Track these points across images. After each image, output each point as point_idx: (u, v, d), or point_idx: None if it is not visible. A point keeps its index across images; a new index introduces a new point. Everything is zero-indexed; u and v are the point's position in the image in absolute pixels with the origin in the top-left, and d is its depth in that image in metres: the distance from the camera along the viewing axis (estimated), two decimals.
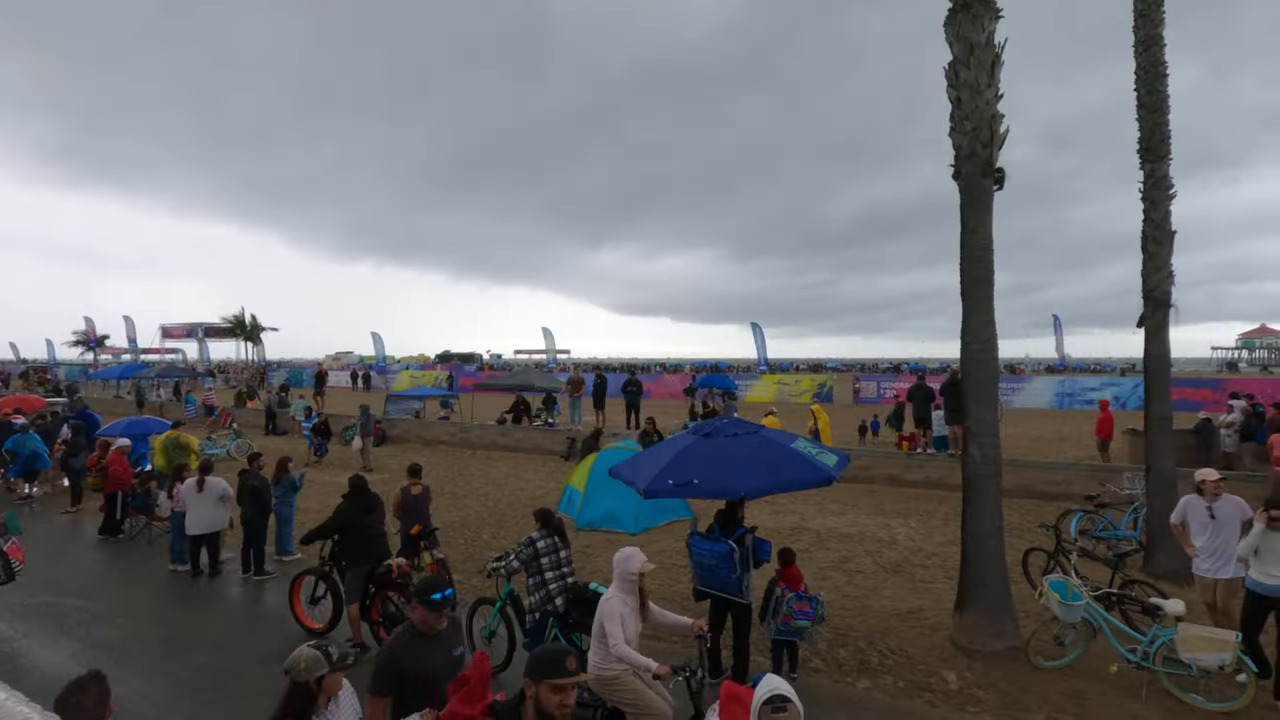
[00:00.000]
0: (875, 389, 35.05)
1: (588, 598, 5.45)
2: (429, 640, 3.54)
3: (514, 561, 5.72)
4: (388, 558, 6.68)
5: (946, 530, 10.26)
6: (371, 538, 6.69)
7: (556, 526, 5.83)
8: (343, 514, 6.73)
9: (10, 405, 16.78)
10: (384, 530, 6.98)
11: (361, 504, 6.82)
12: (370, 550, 6.61)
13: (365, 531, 6.66)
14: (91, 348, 55.20)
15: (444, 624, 3.58)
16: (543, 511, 6.00)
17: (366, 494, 6.98)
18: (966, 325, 6.60)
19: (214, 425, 22.04)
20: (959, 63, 6.59)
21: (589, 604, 5.28)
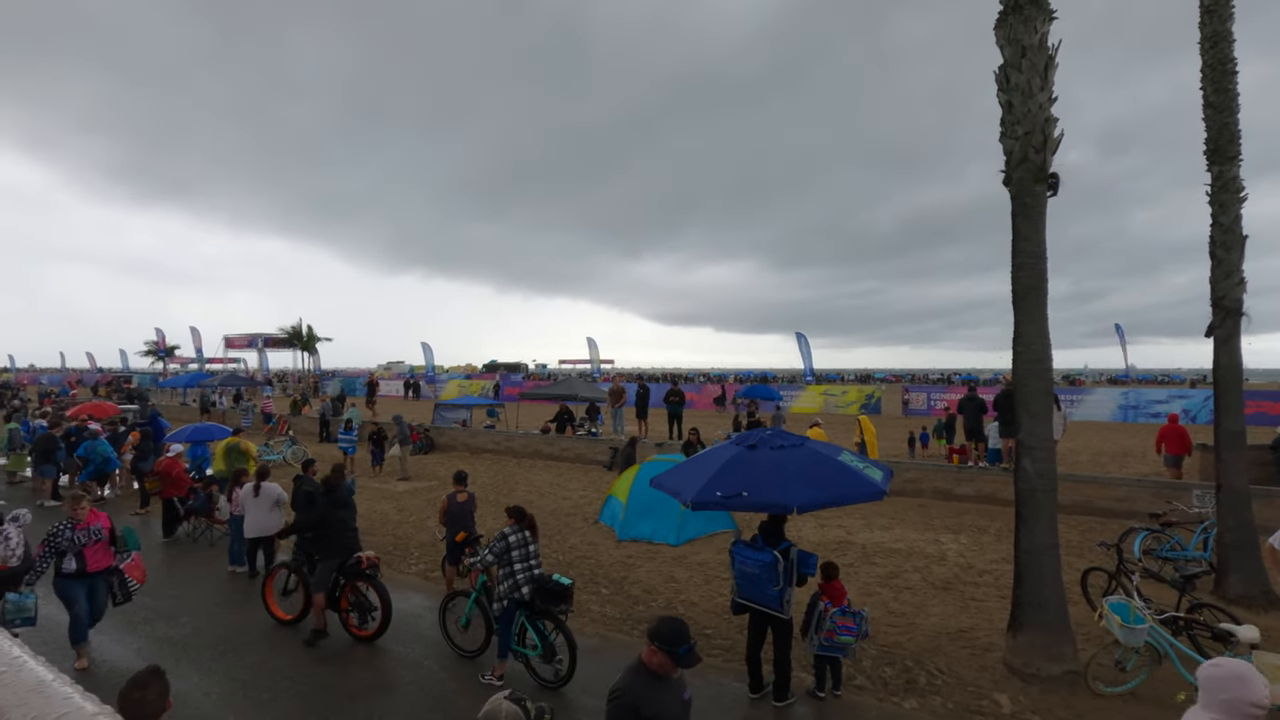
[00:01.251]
0: (925, 400, 34.18)
1: (551, 588, 6.02)
2: (663, 683, 3.40)
3: (488, 555, 6.18)
4: (358, 550, 7.13)
5: (1000, 547, 9.91)
6: (343, 532, 7.14)
7: (529, 522, 6.31)
8: (318, 510, 7.25)
9: (84, 412, 17.78)
10: (355, 525, 7.47)
11: (334, 501, 7.26)
12: (342, 543, 7.06)
13: (338, 526, 7.11)
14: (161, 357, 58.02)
15: (678, 671, 3.42)
16: (515, 509, 6.44)
17: (340, 491, 7.45)
18: (1019, 335, 6.40)
19: (271, 432, 22.89)
20: (1010, 66, 6.43)
21: (552, 593, 6.00)
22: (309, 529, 7.28)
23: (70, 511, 6.47)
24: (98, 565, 6.44)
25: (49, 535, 6.30)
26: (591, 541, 10.51)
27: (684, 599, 8.04)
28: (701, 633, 7.10)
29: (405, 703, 5.75)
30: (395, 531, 11.16)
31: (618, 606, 7.86)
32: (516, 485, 15.23)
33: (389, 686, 6.03)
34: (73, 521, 6.41)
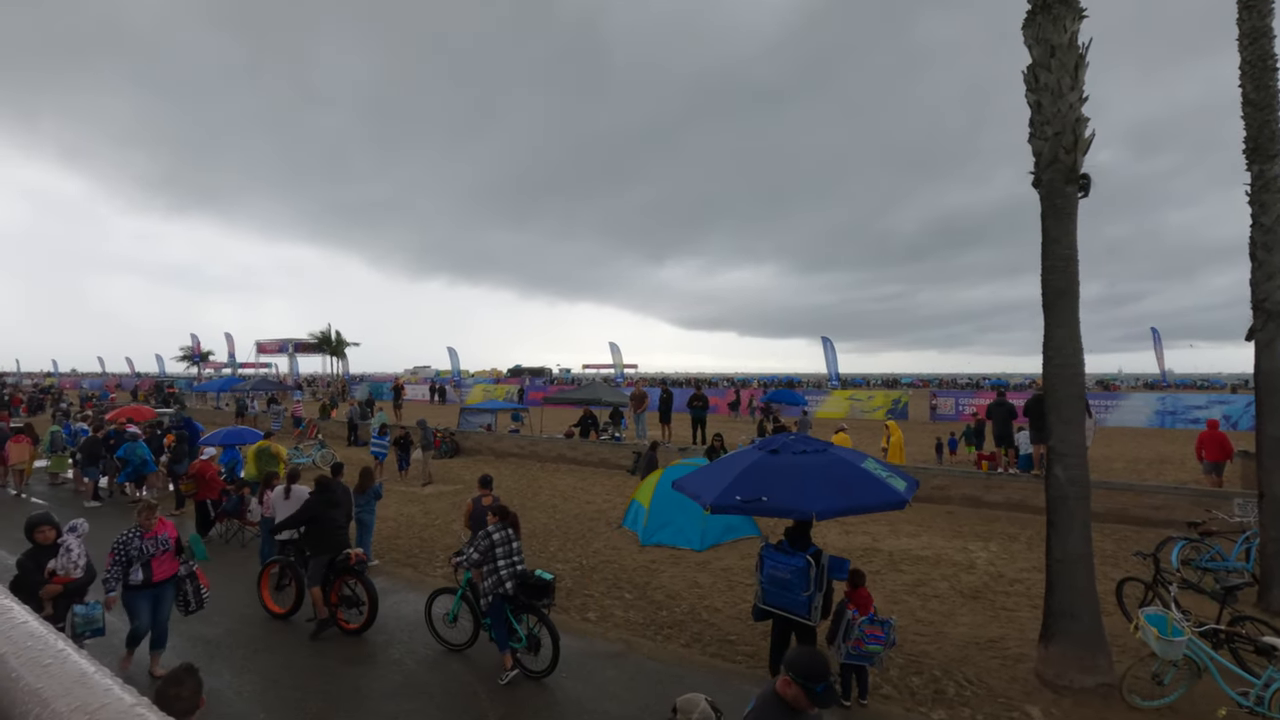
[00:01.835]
0: (953, 405, 33.60)
1: (533, 582, 6.30)
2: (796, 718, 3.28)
3: (473, 554, 6.43)
4: (347, 547, 7.45)
5: (1030, 555, 9.70)
6: (334, 530, 7.46)
7: (512, 520, 6.58)
8: (309, 508, 7.62)
9: (124, 415, 18.28)
10: (346, 524, 7.83)
11: (327, 500, 7.62)
12: (332, 540, 7.38)
13: (329, 524, 7.45)
14: (196, 362, 59.48)
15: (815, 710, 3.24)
16: (500, 507, 6.73)
17: (333, 491, 7.81)
18: (1049, 339, 6.28)
19: (301, 436, 23.29)
20: (1039, 66, 6.33)
21: (534, 587, 6.28)
22: (300, 525, 7.64)
23: (141, 520, 6.33)
24: (163, 574, 6.35)
25: (118, 544, 6.16)
26: (615, 546, 10.52)
27: (707, 604, 8.01)
28: (725, 638, 7.07)
29: (432, 704, 5.80)
30: (421, 534, 11.28)
31: (641, 611, 7.85)
32: (540, 489, 15.30)
33: (416, 687, 6.09)
34: (141, 530, 6.28)
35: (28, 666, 0.57)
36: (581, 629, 7.43)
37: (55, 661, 0.57)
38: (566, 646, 6.94)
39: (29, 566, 5.79)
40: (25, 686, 0.55)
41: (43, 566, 5.81)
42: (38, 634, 0.62)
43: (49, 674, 0.56)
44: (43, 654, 0.59)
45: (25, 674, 0.56)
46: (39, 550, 5.91)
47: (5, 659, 0.59)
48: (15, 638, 0.62)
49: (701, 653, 6.80)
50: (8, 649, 0.61)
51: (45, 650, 0.59)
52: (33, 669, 0.57)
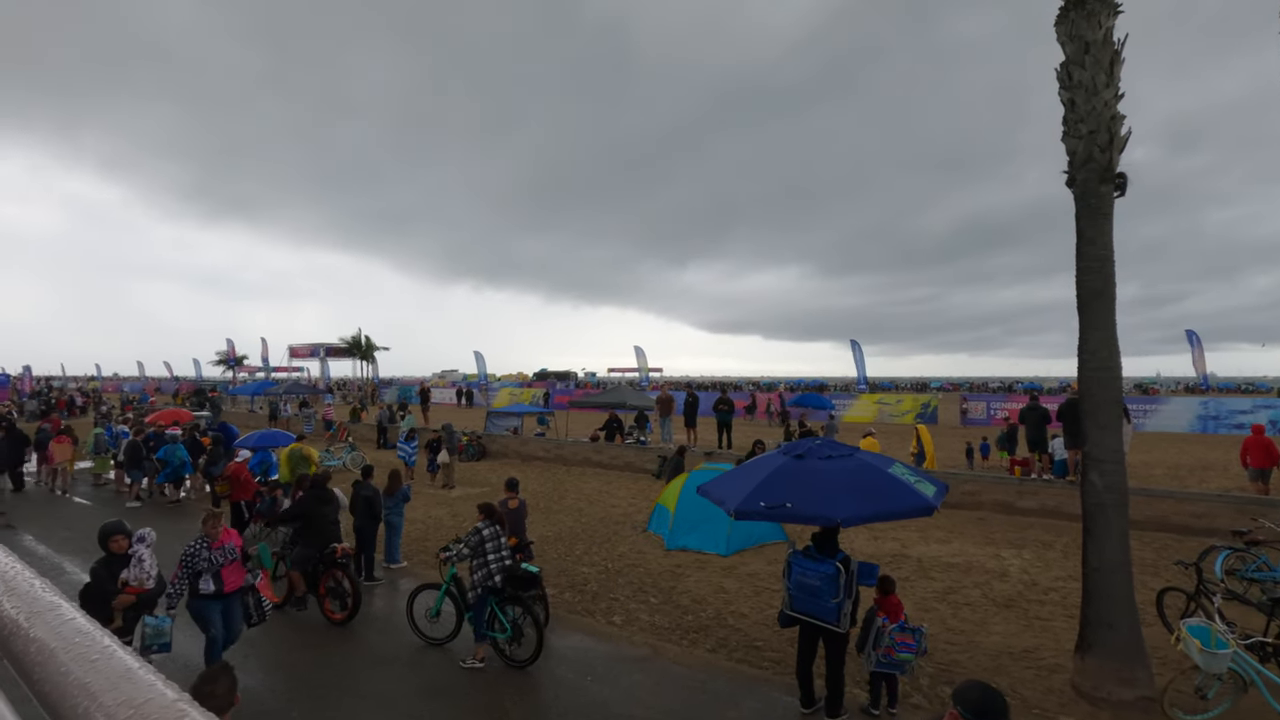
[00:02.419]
0: (985, 409, 32.98)
1: (520, 575, 6.62)
2: None
3: (463, 549, 6.72)
4: (336, 542, 7.94)
5: (1066, 563, 9.47)
6: (325, 525, 8.02)
7: (498, 518, 6.91)
8: (302, 504, 8.25)
9: (166, 418, 18.79)
10: (337, 520, 8.28)
11: (319, 498, 8.19)
12: (323, 535, 7.94)
13: (321, 520, 8.01)
14: (231, 366, 60.90)
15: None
16: (486, 505, 7.09)
17: (324, 490, 8.36)
18: (1084, 342, 6.13)
19: (332, 439, 23.70)
20: (1072, 63, 6.20)
21: (520, 580, 6.60)
22: (294, 519, 8.25)
23: (207, 530, 6.16)
24: (234, 585, 6.20)
25: (186, 555, 6.02)
26: (640, 550, 10.52)
27: (733, 610, 7.96)
28: (751, 644, 7.02)
29: (458, 705, 5.85)
30: (448, 536, 11.38)
31: (667, 616, 7.83)
32: (566, 492, 15.36)
33: (443, 688, 6.15)
34: (208, 540, 6.12)
35: (77, 662, 0.59)
36: (607, 632, 7.44)
37: (102, 657, 0.59)
38: (591, 649, 6.97)
39: (103, 575, 5.63)
40: (74, 681, 0.57)
41: (116, 576, 5.68)
42: (85, 630, 0.64)
43: (96, 669, 0.58)
44: (90, 650, 0.61)
45: (74, 669, 0.58)
46: (112, 559, 5.76)
47: (55, 654, 0.61)
48: (65, 634, 0.64)
49: (727, 658, 6.76)
50: (58, 644, 0.63)
51: (93, 646, 0.61)
52: (81, 664, 0.59)
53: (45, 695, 0.59)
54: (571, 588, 8.81)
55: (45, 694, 0.59)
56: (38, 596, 0.75)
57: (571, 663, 6.66)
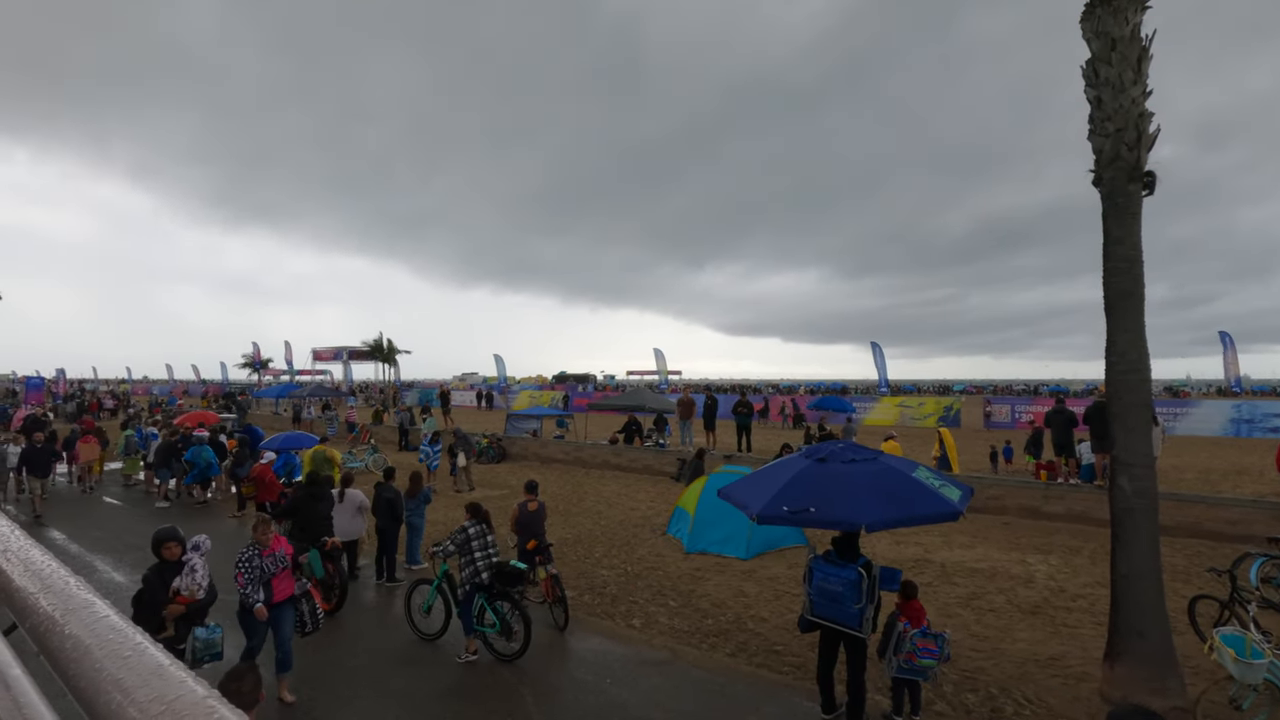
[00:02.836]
0: (1009, 413, 32.48)
1: (508, 571, 6.81)
2: None
3: (450, 546, 6.90)
4: (327, 536, 8.21)
5: (1094, 570, 9.28)
6: (317, 519, 8.43)
7: (484, 516, 7.14)
8: (295, 500, 8.86)
9: (193, 420, 19.16)
10: (329, 515, 8.70)
11: (310, 494, 8.75)
12: (315, 528, 8.28)
13: (313, 514, 8.46)
14: (257, 369, 61.88)
15: None
16: (472, 505, 7.35)
17: (316, 486, 8.95)
18: (1112, 344, 6.02)
19: (355, 441, 24.00)
20: (1098, 60, 6.10)
21: (508, 576, 6.79)
22: (289, 514, 8.75)
23: (258, 537, 5.96)
24: (284, 594, 6.03)
25: (241, 562, 5.82)
26: (659, 553, 10.50)
27: (753, 614, 7.91)
28: (771, 649, 6.97)
29: (480, 707, 5.88)
30: None
31: (686, 619, 7.81)
32: (585, 495, 15.39)
33: (464, 690, 6.19)
34: (259, 547, 5.91)
35: (110, 658, 0.60)
36: (626, 635, 7.44)
37: (134, 654, 0.61)
38: (610, 652, 6.97)
39: (155, 583, 5.46)
40: (108, 676, 0.58)
41: (168, 584, 5.50)
42: (119, 628, 0.66)
43: (129, 665, 0.59)
44: (123, 646, 0.62)
45: (108, 665, 0.60)
46: (164, 566, 5.58)
47: (90, 650, 0.63)
48: (99, 630, 0.66)
49: (747, 663, 6.72)
50: (92, 641, 0.64)
51: (125, 643, 0.63)
52: (114, 660, 0.60)
53: (80, 691, 0.60)
54: (591, 590, 8.82)
55: (80, 689, 0.60)
56: (73, 594, 0.77)
57: (591, 665, 6.67)
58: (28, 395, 45.49)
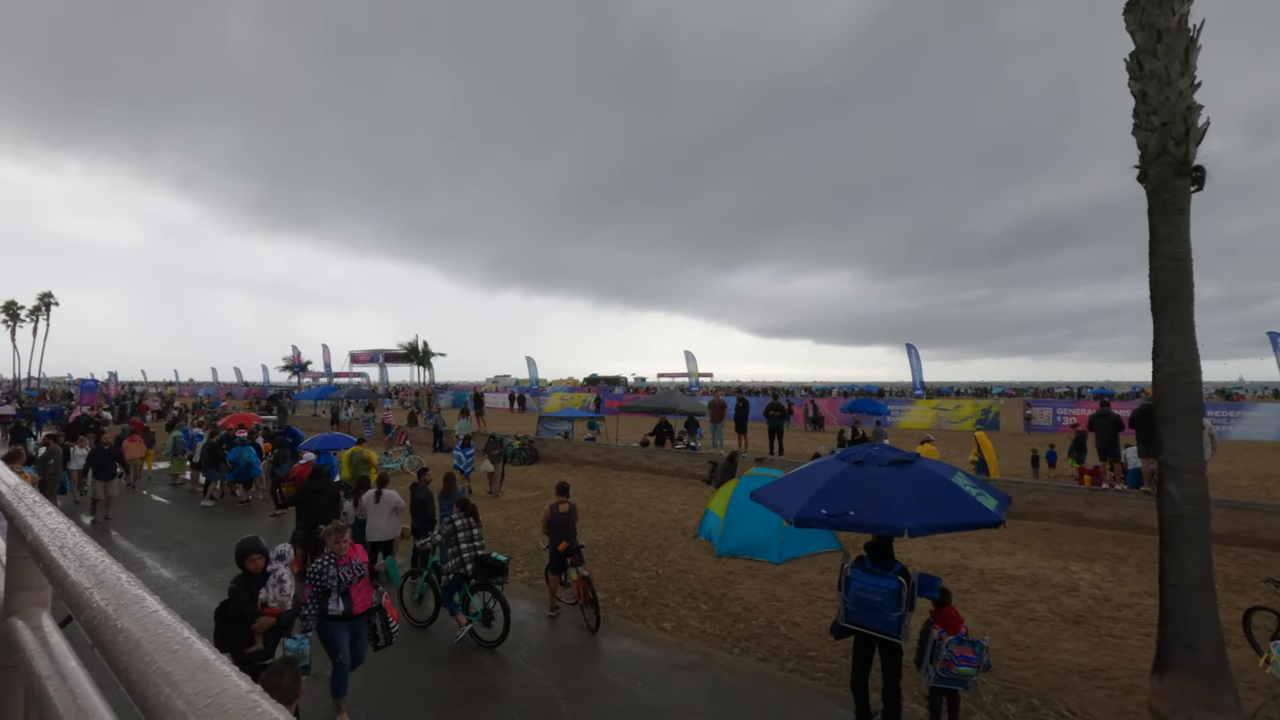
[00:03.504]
0: (1050, 416, 31.59)
1: (489, 563, 7.21)
2: None
3: (437, 537, 7.56)
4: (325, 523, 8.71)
5: (1142, 579, 8.97)
6: (320, 508, 9.33)
7: (471, 510, 7.67)
8: (300, 491, 9.89)
9: (235, 421, 19.73)
10: (329, 505, 9.43)
11: (313, 488, 9.71)
12: (317, 517, 9.12)
13: (316, 504, 9.38)
14: (297, 372, 63.50)
15: None
16: (462, 500, 7.98)
17: (320, 479, 9.92)
18: (1159, 345, 5.82)
19: (390, 442, 24.44)
20: (1143, 52, 5.91)
21: (490, 567, 7.21)
22: (293, 504, 9.93)
23: (333, 545, 5.76)
24: (363, 605, 5.78)
25: (313, 573, 5.65)
26: (690, 556, 10.47)
27: (786, 619, 7.83)
28: (804, 654, 6.90)
29: (512, 707, 5.94)
30: (502, 540, 11.58)
31: (717, 623, 7.77)
32: (616, 497, 15.43)
33: (498, 690, 6.25)
34: (335, 556, 5.71)
35: (160, 652, 0.63)
36: (658, 638, 7.43)
37: (182, 648, 0.63)
38: (641, 655, 6.98)
39: (242, 595, 5.31)
40: (157, 669, 0.61)
41: (254, 596, 5.35)
42: (167, 622, 0.68)
43: (177, 659, 0.61)
44: (171, 640, 0.65)
45: (157, 658, 0.62)
46: (249, 578, 5.44)
47: (140, 644, 0.65)
48: (149, 625, 0.68)
49: (780, 668, 6.66)
50: (142, 635, 0.67)
51: (174, 638, 0.65)
52: (164, 654, 0.62)
53: (131, 683, 0.63)
54: (622, 593, 8.83)
55: (131, 681, 0.63)
56: (124, 589, 0.80)
57: (622, 667, 6.68)
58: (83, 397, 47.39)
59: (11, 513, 1.31)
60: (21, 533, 1.20)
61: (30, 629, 1.23)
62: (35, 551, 1.11)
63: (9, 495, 1.44)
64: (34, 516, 1.22)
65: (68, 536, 1.07)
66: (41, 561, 1.06)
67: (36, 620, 1.26)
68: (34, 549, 1.13)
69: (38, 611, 1.30)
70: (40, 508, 1.29)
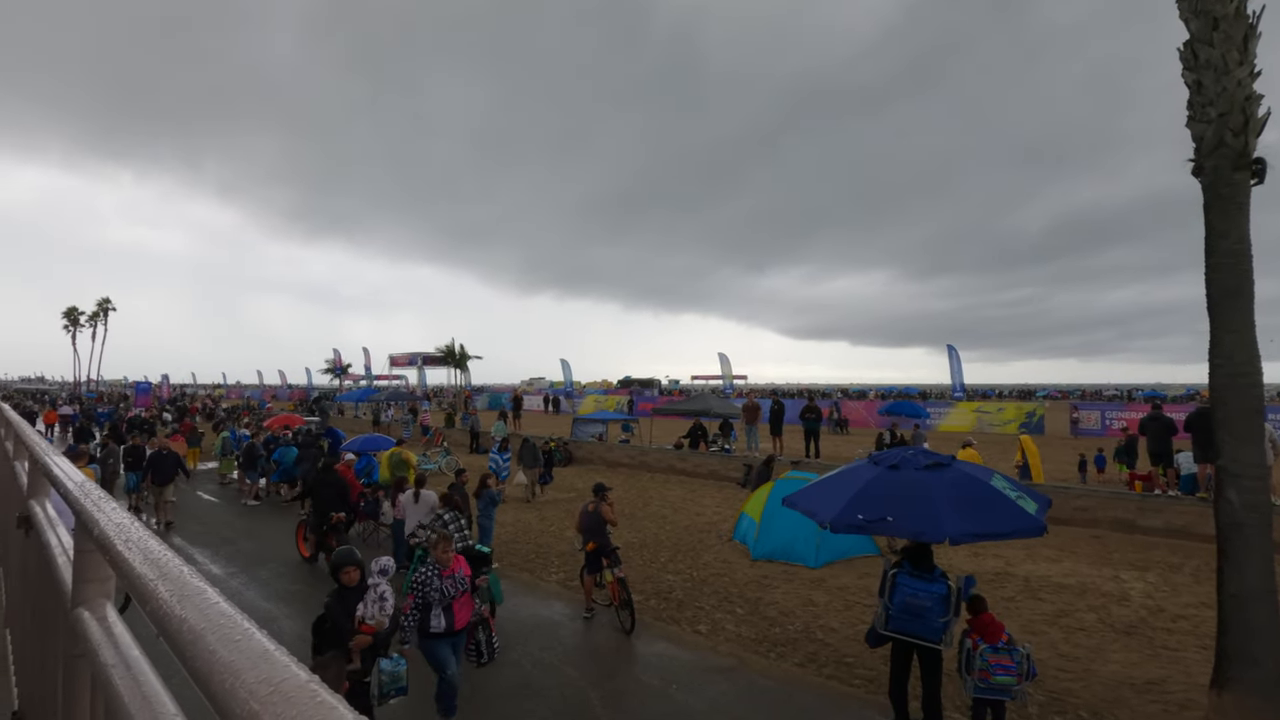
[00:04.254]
0: (1099, 419, 30.56)
1: (475, 554, 7.24)
2: None
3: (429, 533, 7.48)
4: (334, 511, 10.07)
5: (1198, 589, 8.62)
6: (329, 497, 10.19)
7: (457, 504, 8.27)
8: (311, 483, 11.08)
9: (279, 423, 20.31)
10: (336, 496, 10.27)
11: (323, 480, 10.65)
12: (325, 505, 10.10)
13: (322, 496, 10.23)
14: (338, 375, 65.07)
15: None
16: (445, 495, 8.70)
17: (327, 472, 11.01)
18: (1217, 346, 5.58)
19: (428, 444, 24.86)
20: (1198, 41, 5.69)
21: (475, 557, 7.11)
22: (305, 495, 11.15)
23: (438, 555, 5.49)
24: (463, 621, 5.53)
25: (415, 585, 5.36)
26: (725, 559, 10.41)
27: (822, 624, 7.73)
28: (841, 660, 6.80)
29: (546, 706, 5.97)
30: (537, 540, 11.69)
31: (753, 628, 7.71)
32: (650, 500, 15.42)
33: (532, 689, 6.30)
34: (439, 566, 5.43)
35: (223, 642, 0.65)
36: (693, 641, 7.41)
37: (244, 639, 0.65)
38: (676, 658, 6.97)
39: (338, 611, 5.03)
40: (221, 660, 0.63)
41: (351, 611, 5.06)
42: (228, 614, 0.71)
43: (239, 649, 0.64)
44: (233, 631, 0.67)
45: (220, 649, 0.64)
46: (345, 592, 5.16)
47: (204, 635, 0.68)
48: (211, 616, 0.71)
49: (816, 674, 6.57)
50: (205, 626, 0.70)
51: (235, 628, 0.68)
52: (226, 644, 0.65)
53: (196, 672, 0.65)
54: (657, 595, 8.83)
55: (196, 670, 0.65)
56: (187, 581, 0.84)
57: (657, 670, 6.68)
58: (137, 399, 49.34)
59: (79, 508, 1.37)
60: (89, 527, 1.26)
61: (96, 619, 1.29)
62: (102, 545, 1.16)
63: (76, 492, 1.51)
64: (100, 512, 1.27)
65: (132, 531, 1.12)
66: (108, 555, 1.11)
67: (102, 611, 1.32)
68: (101, 543, 1.18)
69: (103, 603, 1.36)
70: (105, 503, 1.35)
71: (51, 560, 1.78)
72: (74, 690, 1.36)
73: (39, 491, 2.41)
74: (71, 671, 1.37)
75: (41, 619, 1.93)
